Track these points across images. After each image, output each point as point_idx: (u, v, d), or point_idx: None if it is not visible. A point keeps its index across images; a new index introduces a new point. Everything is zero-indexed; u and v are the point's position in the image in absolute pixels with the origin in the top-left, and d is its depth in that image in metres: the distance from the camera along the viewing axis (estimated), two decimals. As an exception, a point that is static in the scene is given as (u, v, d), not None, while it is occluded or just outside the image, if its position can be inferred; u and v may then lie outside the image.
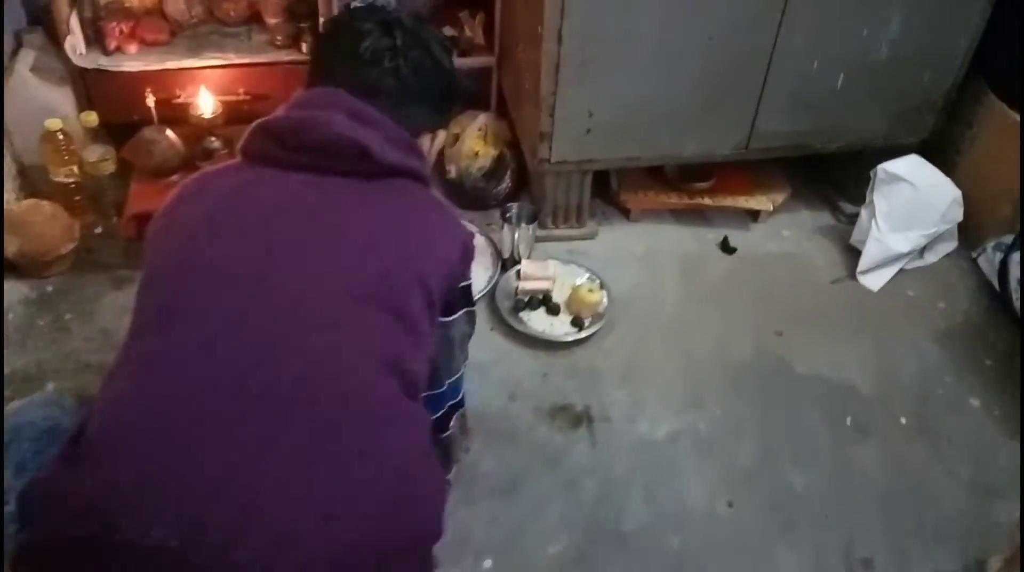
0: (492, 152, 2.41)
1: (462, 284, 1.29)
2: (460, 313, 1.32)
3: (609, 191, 2.49)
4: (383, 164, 1.14)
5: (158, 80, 2.20)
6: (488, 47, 2.51)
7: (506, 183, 2.44)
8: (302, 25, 2.24)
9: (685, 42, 2.00)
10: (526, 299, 2.15)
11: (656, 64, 2.03)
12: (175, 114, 2.20)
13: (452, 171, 2.45)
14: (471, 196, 2.45)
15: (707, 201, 2.42)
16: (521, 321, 2.10)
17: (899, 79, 2.19)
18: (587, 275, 2.23)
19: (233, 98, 2.27)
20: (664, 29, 1.97)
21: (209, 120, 2.18)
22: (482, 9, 2.48)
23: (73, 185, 2.21)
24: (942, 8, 2.07)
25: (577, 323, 2.09)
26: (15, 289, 2.09)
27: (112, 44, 2.17)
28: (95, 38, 2.17)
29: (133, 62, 2.17)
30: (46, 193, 2.24)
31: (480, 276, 2.23)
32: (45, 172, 2.18)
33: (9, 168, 2.19)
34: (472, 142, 2.43)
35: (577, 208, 2.37)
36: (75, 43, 2.12)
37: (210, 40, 2.29)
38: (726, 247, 2.39)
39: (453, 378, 1.38)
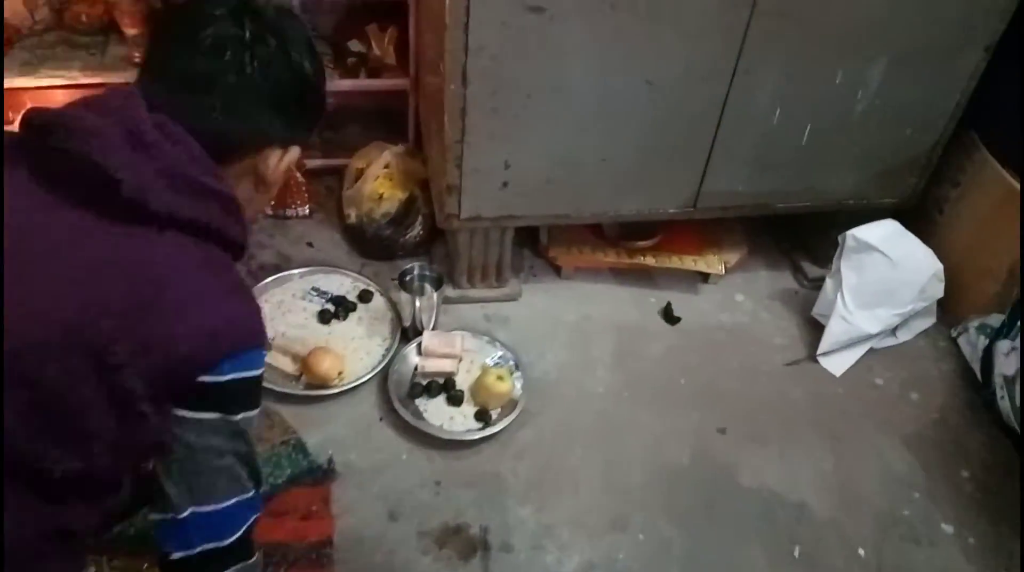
0: (400, 195, 2.04)
1: (204, 378, 0.92)
2: (208, 416, 0.95)
3: (537, 243, 2.14)
4: (137, 205, 0.88)
5: (-19, 101, 1.80)
6: (402, 67, 2.13)
7: (416, 230, 2.08)
8: (166, 38, 1.84)
9: (621, 90, 1.64)
10: (424, 383, 1.80)
11: (586, 114, 1.67)
12: None
13: (352, 215, 2.08)
14: (374, 245, 2.08)
15: (650, 261, 2.07)
16: (416, 412, 1.75)
17: (876, 135, 1.85)
18: (500, 353, 1.88)
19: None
20: (595, 75, 1.61)
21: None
22: (394, 23, 2.10)
23: None
24: (932, 55, 1.72)
25: (483, 417, 1.75)
26: None
27: (-77, 55, 1.77)
28: (-98, 46, 1.77)
29: (-50, 78, 1.77)
30: None
31: (374, 349, 1.87)
32: None
33: None
34: (376, 182, 2.05)
35: (497, 266, 2.01)
36: None
37: (54, 54, 1.89)
38: (669, 317, 2.05)
39: (204, 508, 0.98)
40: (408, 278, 1.91)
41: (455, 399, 1.77)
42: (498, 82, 1.57)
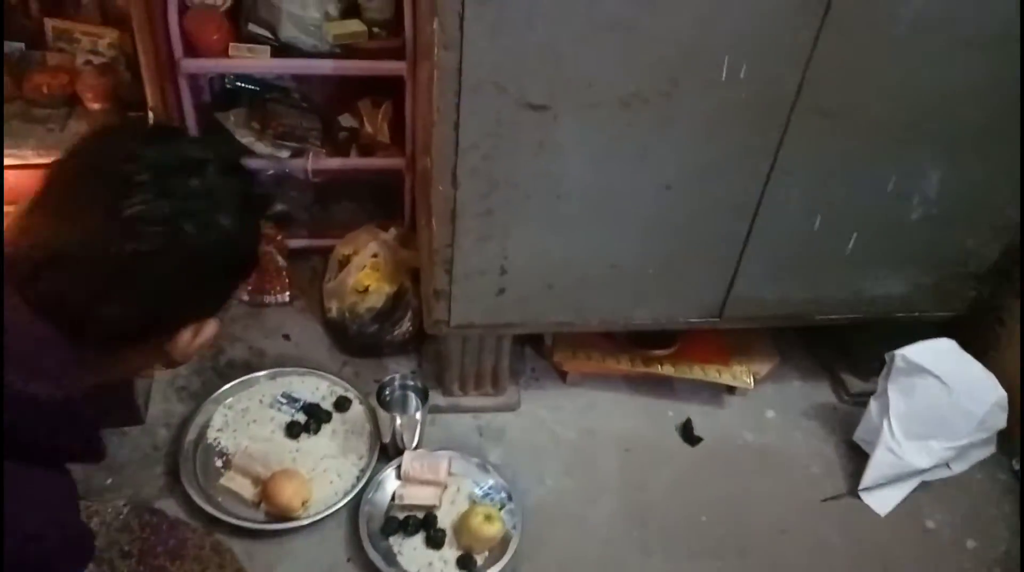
0: (387, 289, 1.82)
1: None
2: None
3: (541, 342, 1.90)
4: None
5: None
6: (397, 145, 1.92)
7: (405, 327, 1.85)
8: (129, 115, 1.65)
9: (633, 193, 1.41)
10: (401, 518, 1.55)
11: (593, 217, 1.44)
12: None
13: (333, 309, 1.85)
14: (357, 342, 1.85)
15: (668, 371, 1.82)
16: (389, 554, 1.50)
17: (933, 243, 1.60)
18: (491, 482, 1.63)
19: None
20: (603, 177, 1.38)
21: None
22: (389, 99, 1.90)
23: None
24: (1002, 156, 1.48)
25: (467, 564, 1.49)
26: None
27: None
28: None
29: None
30: None
31: (346, 470, 1.63)
32: None
33: None
34: (362, 274, 1.83)
35: (493, 372, 1.77)
36: None
37: (8, 127, 1.70)
38: (688, 435, 1.80)
39: None
40: (388, 392, 1.67)
41: (435, 541, 1.52)
42: (492, 183, 1.35)
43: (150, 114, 1.62)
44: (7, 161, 1.63)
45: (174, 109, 1.73)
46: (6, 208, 1.65)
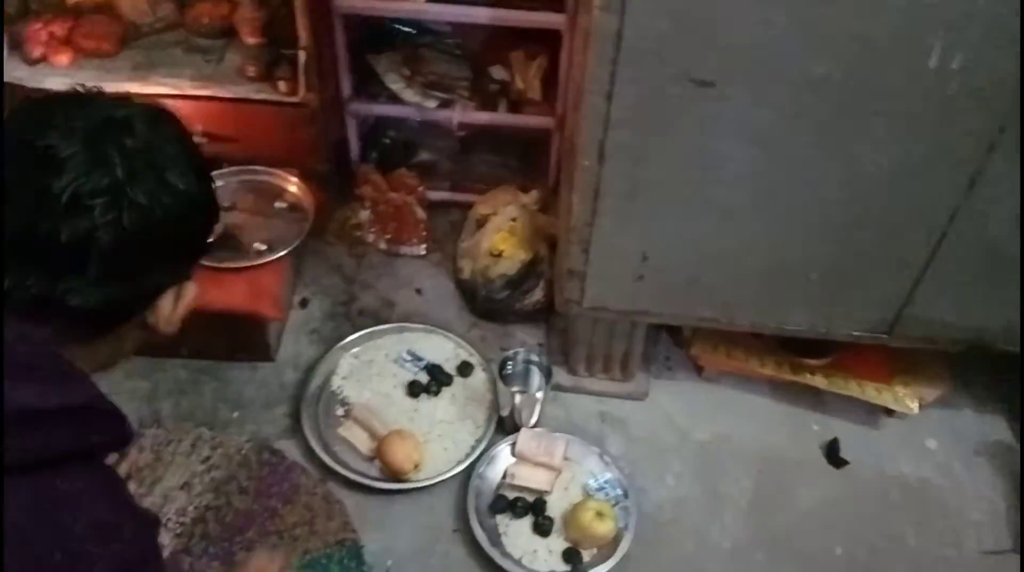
0: (522, 255, 1.73)
1: None
2: None
3: (679, 330, 1.76)
4: None
5: (89, 106, 1.66)
6: (548, 103, 1.80)
7: (537, 297, 1.76)
8: (283, 52, 1.62)
9: (803, 186, 1.23)
10: (511, 498, 1.50)
11: (752, 210, 1.28)
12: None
13: (464, 270, 1.79)
14: (485, 306, 1.79)
15: (819, 381, 1.64)
16: (494, 533, 1.45)
17: None
18: (607, 476, 1.53)
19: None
20: (770, 166, 1.21)
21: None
22: (544, 51, 1.77)
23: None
24: None
25: (572, 558, 1.42)
26: None
27: (36, 51, 1.64)
28: (16, 43, 1.65)
29: (59, 78, 1.64)
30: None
31: (462, 438, 1.59)
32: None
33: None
34: (497, 237, 1.75)
35: (623, 358, 1.66)
36: (-13, 47, 1.61)
37: (170, 56, 1.72)
38: (833, 456, 1.62)
39: None
40: (510, 365, 1.60)
41: (543, 528, 1.45)
42: (642, 162, 1.21)
43: (301, 53, 1.58)
44: (164, 90, 1.65)
45: (326, 48, 1.69)
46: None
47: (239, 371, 1.70)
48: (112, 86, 1.61)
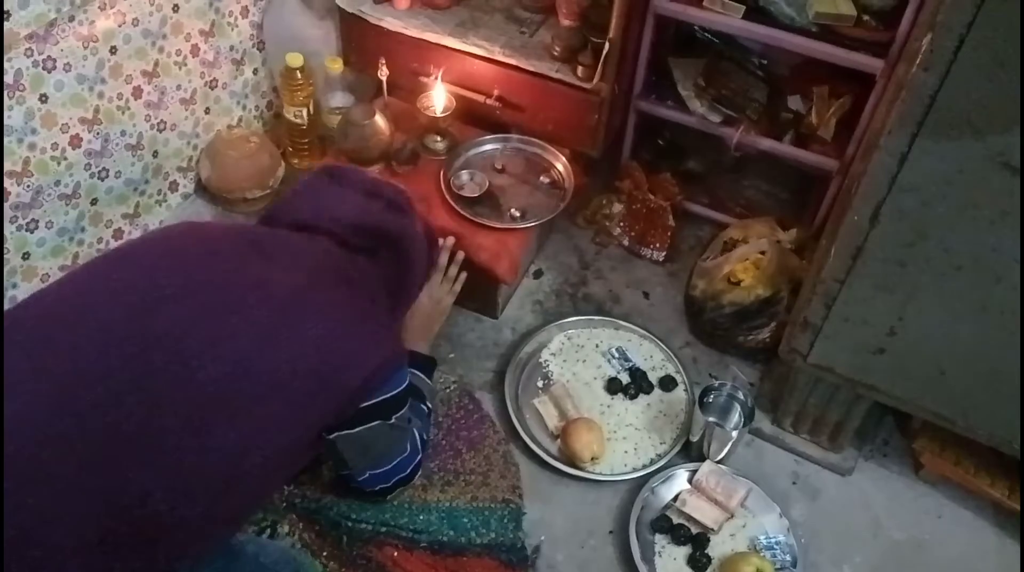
0: (760, 291, 1.67)
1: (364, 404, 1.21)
2: (368, 425, 1.23)
3: (903, 419, 1.62)
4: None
5: (410, 48, 1.84)
6: (836, 145, 1.71)
7: (763, 335, 1.70)
8: (590, 39, 1.68)
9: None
10: (675, 521, 1.49)
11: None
12: (416, 91, 1.84)
13: (697, 288, 1.77)
14: (706, 329, 1.76)
15: (1055, 524, 1.44)
16: (648, 550, 1.46)
17: None
18: (780, 538, 1.47)
19: (483, 97, 1.84)
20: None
21: (436, 118, 1.78)
22: (850, 94, 1.68)
23: (303, 127, 2.00)
24: None
25: (715, 603, 1.39)
26: (201, 211, 1.97)
27: (384, -8, 1.85)
28: (371, -19, 1.86)
29: (394, 19, 1.83)
30: (276, 128, 2.09)
31: (644, 448, 1.60)
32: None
33: (258, 87, 2.04)
34: (740, 266, 1.71)
35: (835, 426, 1.57)
36: (346, -20, 1.83)
37: (492, 20, 1.84)
38: (1044, 609, 1.42)
39: (378, 469, 1.34)
40: (712, 394, 1.57)
41: (698, 563, 1.43)
42: (919, 235, 1.13)
43: (607, 43, 1.64)
44: (477, 50, 1.78)
45: (631, 43, 1.73)
46: (466, 92, 1.83)
47: (465, 318, 1.82)
48: (434, 37, 1.80)
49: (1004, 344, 1.20)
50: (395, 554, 1.39)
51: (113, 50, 1.60)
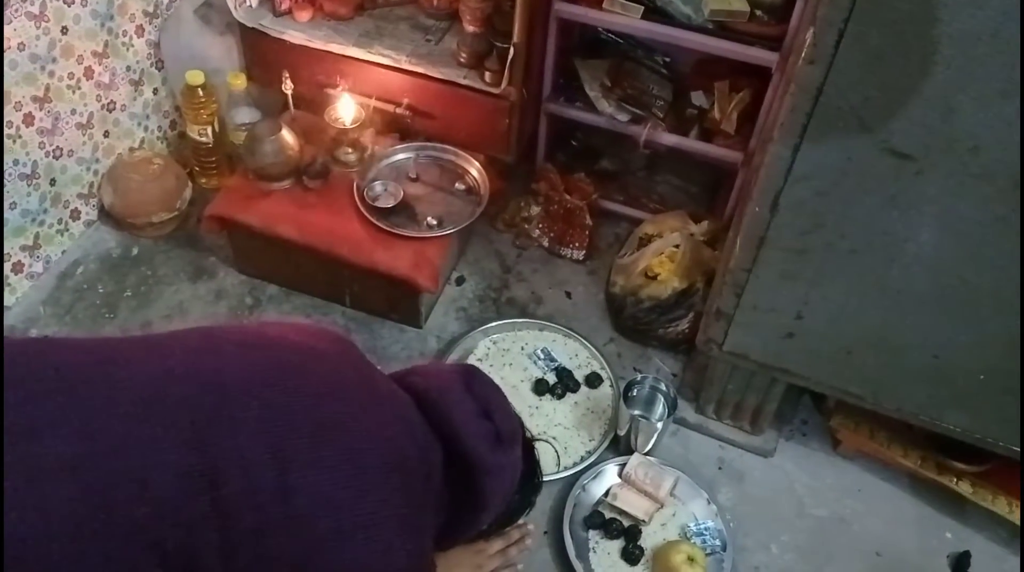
0: (676, 284, 1.71)
1: None
2: None
3: (822, 398, 1.68)
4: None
5: (315, 60, 1.82)
6: (740, 138, 1.76)
7: (682, 327, 1.74)
8: (495, 44, 1.69)
9: (994, 284, 1.14)
10: (607, 516, 1.50)
11: (930, 296, 1.19)
12: (323, 103, 1.81)
13: (616, 284, 1.80)
14: (629, 325, 1.79)
15: (964, 489, 1.52)
16: (583, 547, 1.47)
17: None
18: (709, 523, 1.50)
19: (392, 107, 1.83)
20: (960, 255, 1.13)
21: (345, 130, 1.76)
22: (749, 87, 1.73)
23: (209, 145, 1.95)
24: None
25: (652, 593, 1.41)
26: (106, 239, 1.90)
27: (283, 4, 1.81)
28: (269, -7, 1.83)
29: (296, 32, 1.80)
30: (181, 148, 2.04)
31: (574, 447, 1.61)
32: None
33: (159, 106, 1.98)
34: (655, 260, 1.75)
35: (754, 410, 1.61)
36: (243, -6, 1.79)
37: (396, 29, 1.84)
38: (960, 570, 1.49)
39: None
40: (636, 389, 1.60)
41: (631, 556, 1.45)
42: (817, 222, 1.17)
43: (511, 48, 1.65)
44: (383, 60, 1.77)
45: (536, 47, 1.75)
46: (374, 102, 1.81)
47: (389, 329, 1.81)
48: (338, 48, 1.78)
49: (906, 323, 1.25)
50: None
51: (-2, 76, 1.54)
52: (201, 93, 1.84)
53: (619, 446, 1.62)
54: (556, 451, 1.59)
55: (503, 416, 1.07)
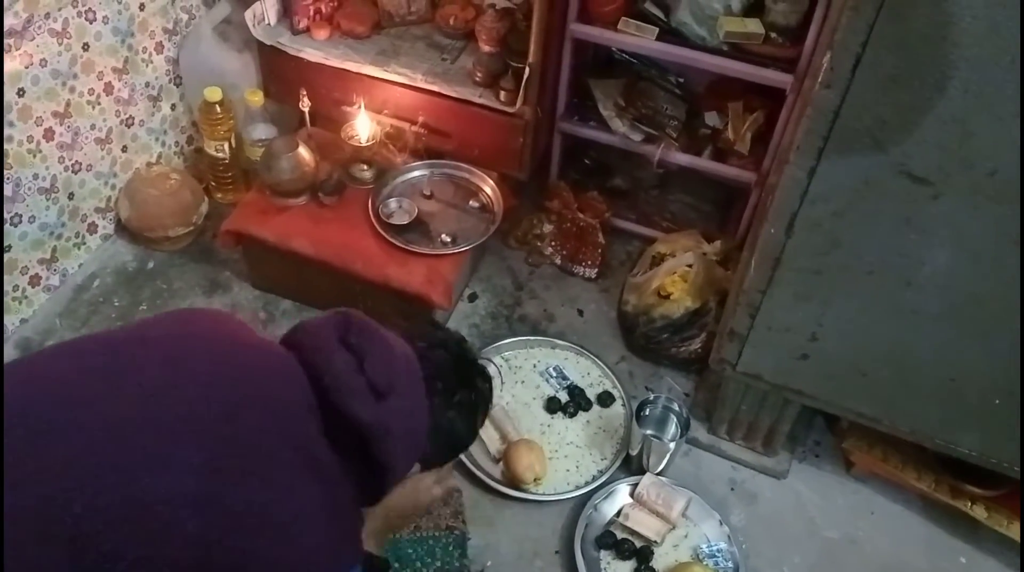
0: (688, 303, 1.71)
1: None
2: None
3: (836, 419, 1.68)
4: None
5: (331, 78, 1.84)
6: (754, 159, 1.77)
7: (694, 346, 1.74)
8: (511, 64, 1.71)
9: (1007, 301, 1.14)
10: (619, 537, 1.50)
11: (946, 319, 1.19)
12: (340, 120, 1.83)
13: (629, 303, 1.80)
14: (641, 344, 1.79)
15: (978, 513, 1.50)
16: (594, 567, 1.46)
17: None
18: (721, 545, 1.49)
19: (408, 125, 1.84)
20: (975, 278, 1.13)
21: (361, 147, 1.78)
22: (763, 108, 1.74)
23: (225, 161, 1.97)
24: None
25: (663, 614, 1.41)
26: (122, 252, 1.92)
27: (301, 23, 1.83)
28: (287, 11, 1.84)
29: (313, 50, 1.82)
30: (198, 163, 2.05)
31: (586, 466, 1.61)
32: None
33: (177, 122, 2.00)
34: (668, 279, 1.75)
35: (768, 431, 1.61)
36: (261, 12, 1.81)
37: (413, 48, 1.86)
38: (974, 595, 1.48)
39: None
40: (648, 408, 1.60)
41: (642, 576, 1.45)
42: (832, 244, 1.17)
43: (527, 68, 1.66)
44: (399, 78, 1.79)
45: (551, 66, 1.76)
46: (392, 121, 1.83)
47: (401, 346, 1.81)
48: (355, 66, 1.80)
49: (921, 345, 1.25)
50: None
51: (21, 92, 1.55)
52: (219, 109, 1.86)
53: (631, 466, 1.62)
54: (499, 371, 1.41)
55: (376, 365, 0.97)
